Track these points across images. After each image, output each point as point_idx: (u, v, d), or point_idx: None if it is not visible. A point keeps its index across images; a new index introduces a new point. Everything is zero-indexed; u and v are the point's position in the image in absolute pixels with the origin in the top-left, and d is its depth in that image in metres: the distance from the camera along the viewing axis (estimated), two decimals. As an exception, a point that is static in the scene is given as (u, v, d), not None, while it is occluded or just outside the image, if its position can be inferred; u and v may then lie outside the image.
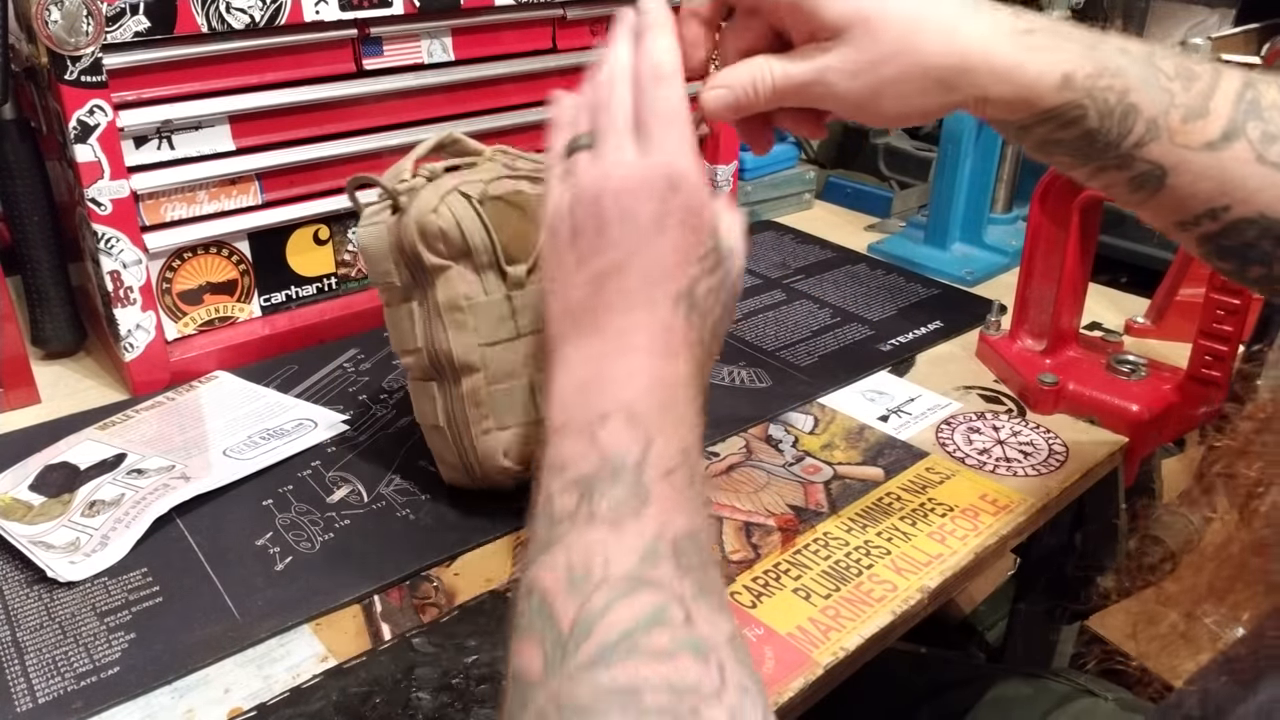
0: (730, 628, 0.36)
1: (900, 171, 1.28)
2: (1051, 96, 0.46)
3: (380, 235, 0.59)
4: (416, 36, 0.84)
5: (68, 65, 0.68)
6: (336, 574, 0.58)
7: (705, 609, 0.35)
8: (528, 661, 0.34)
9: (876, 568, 0.59)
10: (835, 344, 0.86)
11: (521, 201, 0.60)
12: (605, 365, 0.41)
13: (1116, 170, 0.49)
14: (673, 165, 0.43)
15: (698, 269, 0.43)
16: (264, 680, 0.51)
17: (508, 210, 0.59)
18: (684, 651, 0.33)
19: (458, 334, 0.58)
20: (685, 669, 0.33)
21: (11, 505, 0.63)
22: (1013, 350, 0.81)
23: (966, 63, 0.45)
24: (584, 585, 0.35)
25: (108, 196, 0.72)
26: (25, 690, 0.50)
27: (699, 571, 0.36)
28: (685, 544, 0.37)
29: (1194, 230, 0.50)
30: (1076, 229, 0.76)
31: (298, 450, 0.69)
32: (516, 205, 0.59)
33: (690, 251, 0.43)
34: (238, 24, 0.74)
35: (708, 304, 0.43)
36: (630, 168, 0.43)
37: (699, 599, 0.35)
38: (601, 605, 0.34)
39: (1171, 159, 0.47)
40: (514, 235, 0.59)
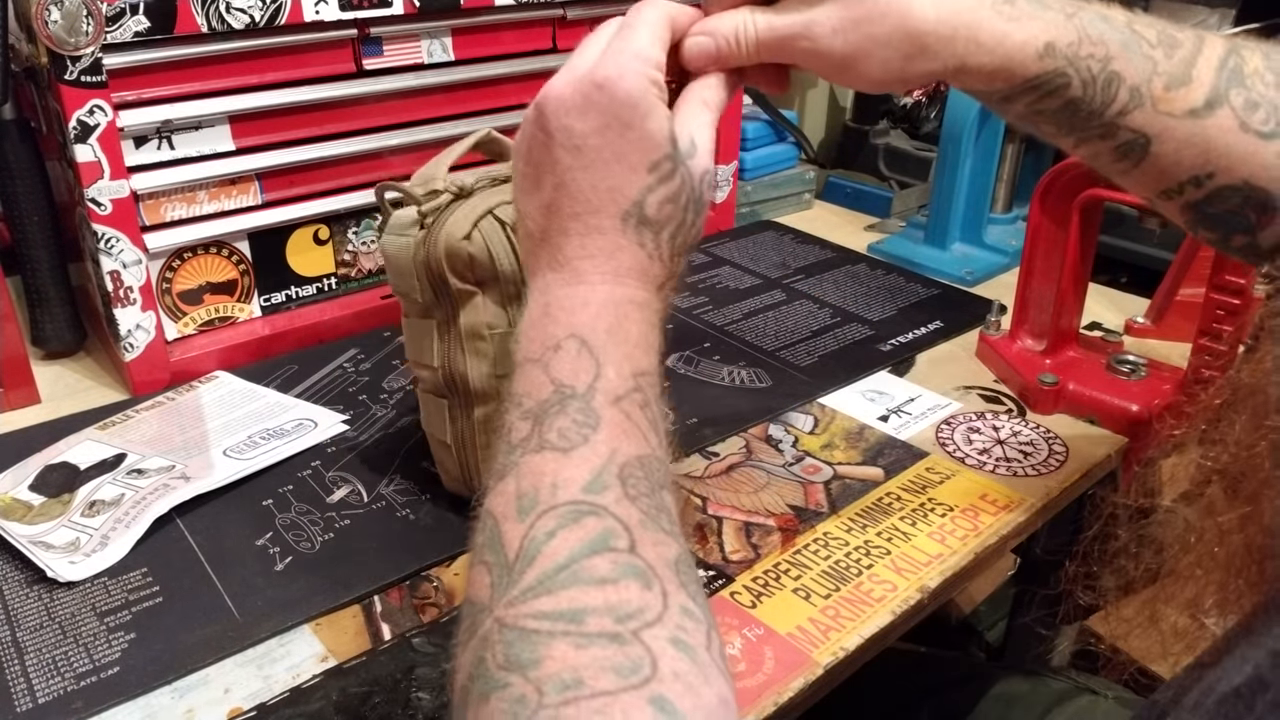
0: (677, 550, 0.36)
1: (900, 171, 1.28)
2: (1033, 65, 0.45)
3: (407, 248, 0.58)
4: (416, 36, 0.84)
5: (68, 65, 0.68)
6: (336, 574, 0.58)
7: (650, 534, 0.35)
8: (477, 587, 0.35)
9: (876, 568, 0.59)
10: (835, 344, 0.86)
11: None
12: (559, 294, 0.41)
13: (1100, 140, 0.48)
14: (604, 72, 0.41)
15: (648, 179, 0.41)
16: (264, 680, 0.51)
17: None
18: (627, 578, 0.33)
19: (477, 362, 0.57)
20: (628, 594, 0.33)
21: (11, 505, 0.63)
22: (1013, 350, 0.81)
23: (954, 31, 0.44)
24: (530, 511, 0.35)
25: (108, 196, 0.72)
26: (25, 690, 0.50)
27: (647, 497, 0.36)
28: (633, 469, 0.37)
29: (1178, 199, 0.49)
30: (1076, 229, 0.76)
31: (298, 450, 0.69)
32: None
33: (637, 161, 0.41)
34: (238, 24, 0.74)
35: (662, 215, 0.42)
36: (564, 81, 0.42)
37: (645, 525, 0.35)
38: (546, 532, 0.34)
39: (1155, 127, 0.47)
40: None
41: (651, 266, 0.42)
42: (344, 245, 0.88)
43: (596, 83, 0.41)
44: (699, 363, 0.82)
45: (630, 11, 0.44)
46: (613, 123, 0.41)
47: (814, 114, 1.53)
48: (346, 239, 0.87)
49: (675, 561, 0.35)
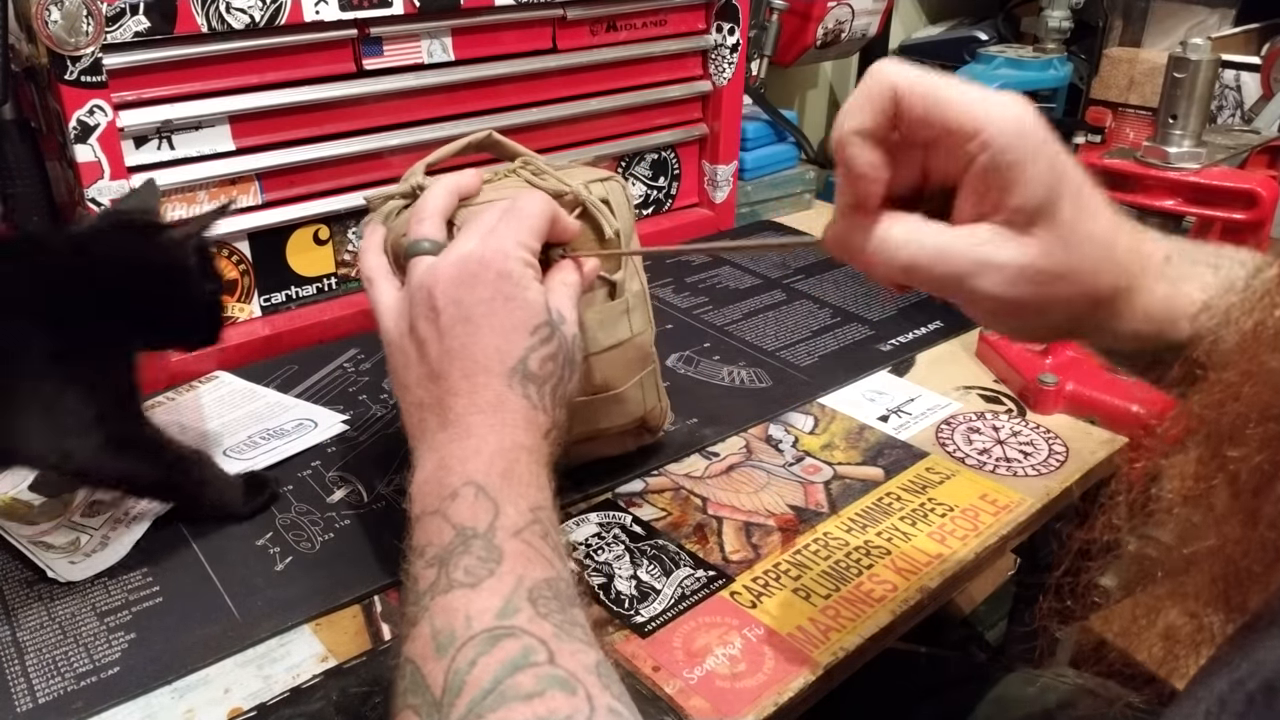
0: (595, 657, 0.38)
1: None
2: (1186, 327, 0.41)
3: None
4: (416, 36, 0.84)
5: (68, 65, 0.68)
6: (336, 574, 0.58)
7: (568, 645, 0.38)
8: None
9: (876, 568, 0.59)
10: (835, 344, 0.86)
11: None
12: (451, 449, 0.44)
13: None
14: (489, 253, 0.47)
15: (530, 340, 0.46)
16: (264, 680, 0.51)
17: None
18: (551, 688, 0.35)
19: None
20: (555, 704, 0.35)
21: (11, 505, 0.63)
22: (1013, 350, 0.81)
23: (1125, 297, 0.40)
24: (449, 647, 0.37)
25: (108, 196, 0.72)
26: (25, 690, 0.50)
27: (559, 614, 0.39)
28: (542, 591, 0.39)
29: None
30: (1076, 229, 0.76)
31: (298, 450, 0.69)
32: None
33: (520, 325, 0.46)
34: (238, 24, 0.74)
35: (544, 371, 0.46)
36: (451, 262, 0.47)
37: (560, 637, 0.38)
38: (468, 661, 0.36)
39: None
40: None
41: (537, 416, 0.46)
42: (344, 245, 0.88)
43: (484, 262, 0.46)
44: (699, 363, 0.82)
45: (518, 199, 0.50)
46: (497, 295, 0.46)
47: (814, 114, 1.53)
48: (346, 239, 0.87)
49: (595, 666, 0.37)
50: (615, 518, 0.63)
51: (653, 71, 1.02)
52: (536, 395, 0.46)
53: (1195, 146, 0.69)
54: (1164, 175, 0.69)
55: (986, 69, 1.02)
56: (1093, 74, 1.17)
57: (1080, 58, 1.17)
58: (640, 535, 0.61)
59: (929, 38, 1.46)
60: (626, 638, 0.53)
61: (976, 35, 1.39)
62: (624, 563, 0.59)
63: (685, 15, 1.02)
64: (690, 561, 0.59)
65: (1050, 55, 1.03)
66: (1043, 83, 1.03)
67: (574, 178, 0.59)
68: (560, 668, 0.36)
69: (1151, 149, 0.70)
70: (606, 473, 0.66)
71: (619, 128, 1.02)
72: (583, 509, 0.64)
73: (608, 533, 0.61)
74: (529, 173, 0.60)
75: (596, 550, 0.60)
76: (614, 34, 0.97)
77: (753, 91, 1.19)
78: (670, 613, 0.55)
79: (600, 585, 0.57)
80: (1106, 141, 1.17)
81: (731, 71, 1.05)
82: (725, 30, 1.04)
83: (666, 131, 1.06)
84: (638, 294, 0.62)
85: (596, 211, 0.57)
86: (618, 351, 0.60)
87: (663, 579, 0.57)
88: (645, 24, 0.99)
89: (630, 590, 0.56)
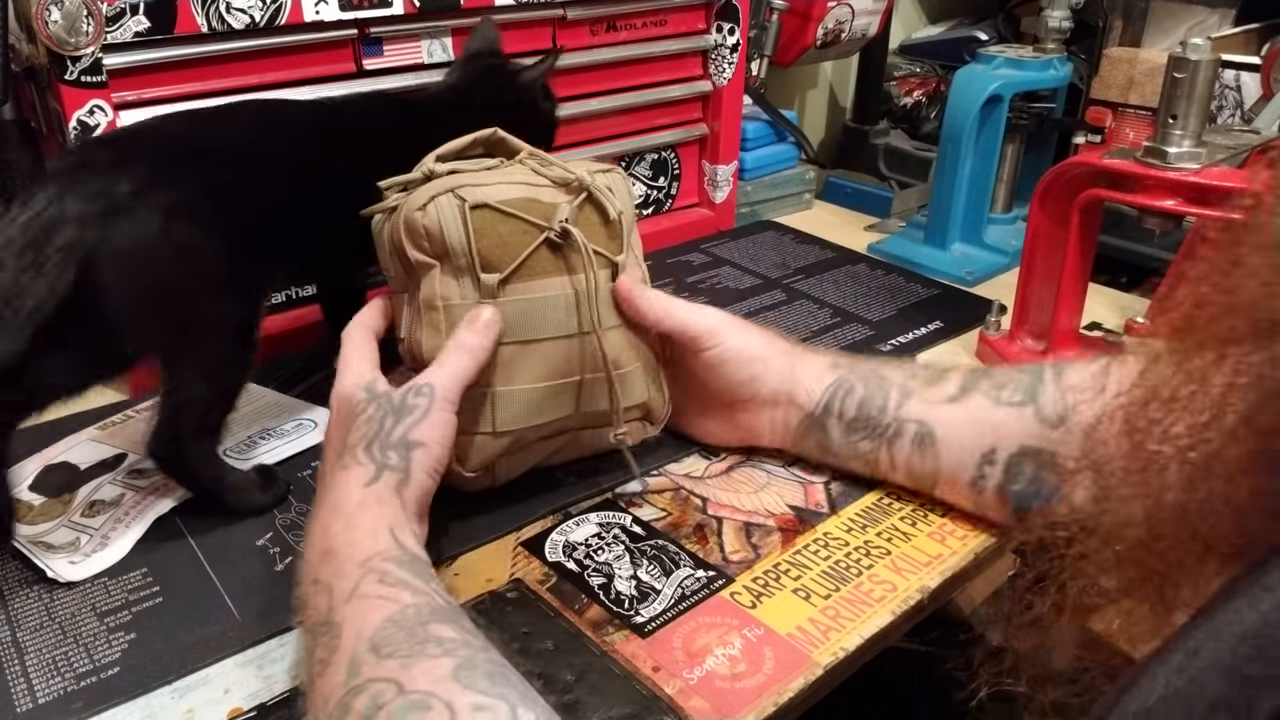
0: (453, 662, 0.40)
1: (900, 171, 1.28)
2: (824, 373, 0.63)
3: (380, 223, 0.61)
4: (416, 36, 0.84)
5: (68, 65, 0.68)
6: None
7: (418, 668, 0.40)
8: None
9: (876, 568, 0.59)
10: (835, 344, 0.86)
11: (525, 209, 0.59)
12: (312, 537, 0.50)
13: (898, 438, 0.61)
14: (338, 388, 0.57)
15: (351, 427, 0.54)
16: (264, 680, 0.51)
17: (498, 220, 0.58)
18: (405, 716, 0.38)
19: (430, 334, 0.59)
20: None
21: (11, 505, 0.63)
22: (1013, 350, 0.81)
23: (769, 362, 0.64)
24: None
25: (108, 196, 0.72)
26: (25, 690, 0.50)
27: (407, 642, 0.41)
28: (384, 631, 0.42)
29: (987, 486, 0.58)
30: (1076, 229, 0.76)
31: (298, 450, 0.69)
32: (512, 215, 0.58)
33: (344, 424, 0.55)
34: (238, 24, 0.74)
35: (360, 435, 0.53)
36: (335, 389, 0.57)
37: (408, 665, 0.40)
38: None
39: (927, 414, 0.60)
40: (496, 244, 0.58)
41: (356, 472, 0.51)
42: (344, 245, 0.87)
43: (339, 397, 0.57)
44: (699, 363, 0.82)
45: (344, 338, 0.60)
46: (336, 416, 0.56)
47: (814, 114, 1.53)
48: (346, 239, 0.87)
49: (453, 672, 0.40)
50: (615, 518, 0.63)
51: (653, 71, 1.02)
52: (356, 456, 0.52)
53: (1195, 146, 0.69)
54: (1164, 175, 0.69)
55: (986, 69, 1.02)
56: (1093, 74, 1.17)
57: (1080, 58, 1.17)
58: (640, 535, 0.61)
59: (929, 38, 1.46)
60: (626, 638, 0.53)
61: (976, 35, 1.39)
62: (624, 563, 0.59)
63: (685, 15, 1.02)
64: (690, 561, 0.59)
65: (1050, 55, 1.03)
66: (1043, 83, 1.03)
67: (577, 168, 0.62)
68: (411, 693, 0.39)
69: (1151, 149, 0.70)
70: (606, 472, 0.66)
71: (619, 128, 1.02)
72: (583, 509, 0.64)
73: (608, 533, 0.61)
74: (535, 162, 0.63)
75: (596, 550, 0.60)
76: (614, 34, 0.97)
77: (753, 91, 1.20)
78: (670, 613, 0.55)
79: (600, 585, 0.57)
80: (1106, 141, 1.17)
81: (731, 71, 1.05)
82: (725, 30, 1.04)
83: (666, 131, 1.06)
84: (637, 281, 0.64)
85: (601, 195, 0.60)
86: (621, 331, 0.62)
87: (663, 579, 0.57)
88: (645, 24, 0.99)
89: (630, 590, 0.56)
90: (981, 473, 0.58)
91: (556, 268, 0.59)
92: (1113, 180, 0.73)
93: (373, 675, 0.40)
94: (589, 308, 0.59)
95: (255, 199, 0.61)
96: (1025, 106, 1.05)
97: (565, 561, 0.59)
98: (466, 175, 0.60)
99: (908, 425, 0.60)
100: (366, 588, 0.45)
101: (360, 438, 0.53)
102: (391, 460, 0.52)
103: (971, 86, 1.00)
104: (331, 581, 0.46)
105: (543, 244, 0.59)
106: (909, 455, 0.61)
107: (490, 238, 0.58)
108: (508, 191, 0.59)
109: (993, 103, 1.00)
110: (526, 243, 0.58)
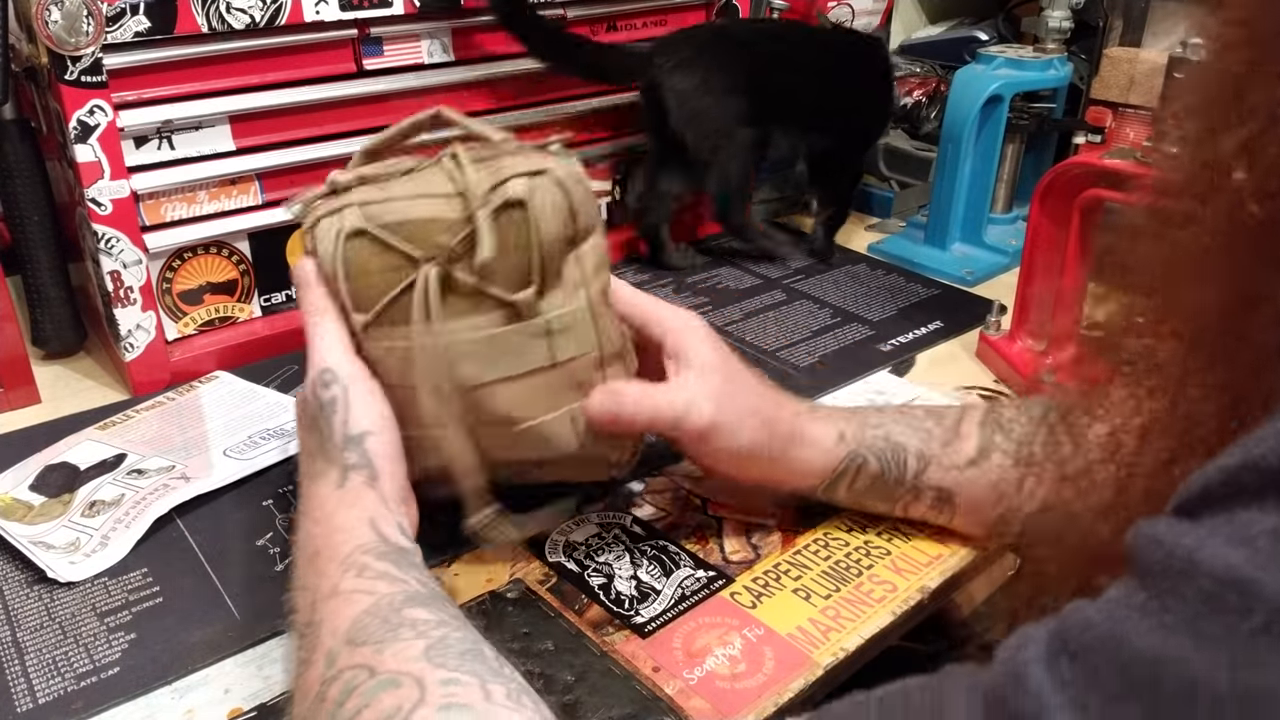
0: (424, 643, 0.40)
1: (900, 171, 1.28)
2: (832, 450, 0.57)
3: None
4: (416, 36, 0.84)
5: (68, 65, 0.68)
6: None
7: (390, 650, 0.40)
8: None
9: (876, 568, 0.59)
10: (835, 344, 0.86)
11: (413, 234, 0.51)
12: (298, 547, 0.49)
13: (915, 501, 0.59)
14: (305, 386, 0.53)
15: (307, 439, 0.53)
16: (264, 680, 0.51)
17: (373, 251, 0.51)
18: (376, 694, 0.38)
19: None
20: (382, 706, 0.37)
21: (11, 505, 0.63)
22: (1013, 350, 0.81)
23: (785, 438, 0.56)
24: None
25: (108, 196, 0.72)
26: (25, 690, 0.50)
27: (380, 629, 0.41)
28: (360, 623, 0.42)
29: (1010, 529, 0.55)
30: (1076, 229, 0.76)
31: (297, 450, 0.69)
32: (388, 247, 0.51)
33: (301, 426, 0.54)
34: (238, 24, 0.74)
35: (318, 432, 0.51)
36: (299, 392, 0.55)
37: (380, 650, 0.40)
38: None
39: (949, 480, 0.57)
40: (363, 281, 0.52)
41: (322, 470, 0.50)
42: (344, 245, 0.87)
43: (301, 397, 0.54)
44: (699, 363, 0.82)
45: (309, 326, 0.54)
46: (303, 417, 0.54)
47: (814, 114, 1.52)
48: (346, 239, 0.87)
49: (425, 652, 0.40)
50: (615, 518, 0.63)
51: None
52: (316, 463, 0.51)
53: (1195, 146, 0.69)
54: (1164, 175, 0.69)
55: (987, 69, 1.02)
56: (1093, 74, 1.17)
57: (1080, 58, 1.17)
58: (640, 535, 0.61)
59: (929, 38, 1.46)
60: (626, 638, 0.53)
61: (976, 35, 1.39)
62: (624, 563, 0.59)
63: (685, 15, 1.02)
64: (690, 562, 0.59)
65: (1050, 55, 1.03)
66: (1043, 83, 1.03)
67: (506, 168, 0.52)
68: (382, 674, 0.39)
69: (1152, 149, 0.70)
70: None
71: (620, 127, 1.01)
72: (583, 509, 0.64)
73: (608, 533, 0.61)
74: (453, 164, 0.53)
75: (596, 550, 0.60)
76: (614, 34, 0.97)
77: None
78: (670, 613, 0.55)
79: (600, 585, 0.57)
80: (1106, 141, 1.17)
81: (732, 71, 1.05)
82: (725, 30, 1.04)
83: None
84: (576, 313, 0.53)
85: (479, 231, 0.50)
86: (525, 382, 0.53)
87: (663, 579, 0.57)
88: (645, 24, 0.99)
89: (630, 590, 0.56)
90: (1004, 519, 0.57)
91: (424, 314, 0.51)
92: (1113, 180, 0.73)
93: (347, 664, 0.40)
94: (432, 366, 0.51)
95: (767, 78, 0.96)
96: (1025, 106, 1.05)
97: (565, 561, 0.59)
98: (372, 188, 0.53)
99: (926, 492, 0.58)
100: (345, 584, 0.45)
101: (315, 444, 0.52)
102: (351, 460, 0.50)
103: (972, 86, 1.00)
104: (314, 583, 0.46)
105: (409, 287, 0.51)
106: (924, 513, 0.60)
107: (359, 273, 0.51)
108: (404, 209, 0.51)
109: (993, 103, 1.00)
110: (396, 281, 0.51)
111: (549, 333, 0.52)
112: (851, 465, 0.57)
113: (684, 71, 0.92)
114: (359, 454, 0.50)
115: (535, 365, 0.52)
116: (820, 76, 1.00)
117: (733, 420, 0.54)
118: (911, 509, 0.60)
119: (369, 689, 0.38)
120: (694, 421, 0.53)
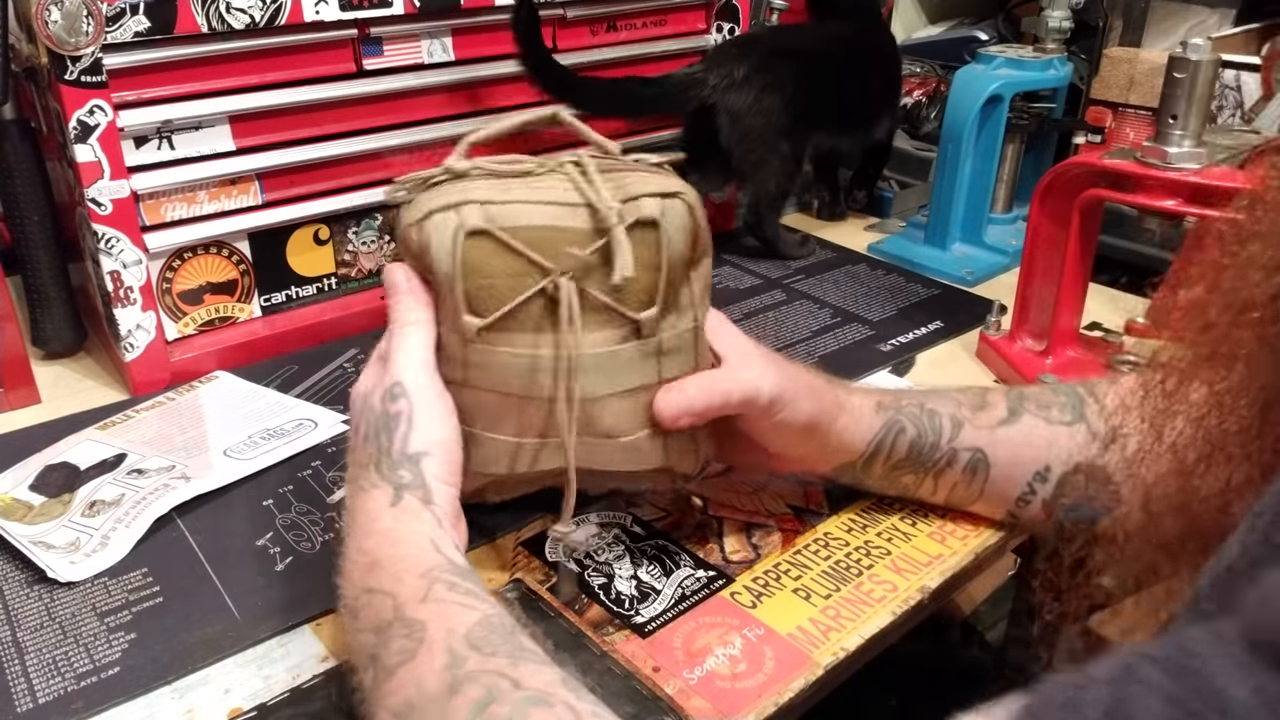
0: (557, 673, 0.40)
1: (900, 171, 1.28)
2: (871, 418, 0.58)
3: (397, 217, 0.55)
4: (416, 36, 0.84)
5: (68, 65, 0.68)
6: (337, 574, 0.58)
7: (528, 668, 0.39)
8: None
9: (876, 568, 0.59)
10: (835, 344, 0.86)
11: (539, 241, 0.49)
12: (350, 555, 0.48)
13: (949, 468, 0.59)
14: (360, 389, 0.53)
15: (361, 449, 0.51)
16: (264, 680, 0.51)
17: (495, 253, 0.49)
18: (526, 710, 0.37)
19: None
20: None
21: (11, 505, 0.63)
22: (1013, 350, 0.81)
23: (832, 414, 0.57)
24: (410, 716, 0.39)
25: (108, 196, 0.72)
26: (25, 690, 0.50)
27: (505, 645, 0.40)
28: (477, 632, 0.41)
29: (1036, 501, 0.59)
30: (1076, 229, 0.76)
31: (298, 450, 0.69)
32: (513, 250, 0.49)
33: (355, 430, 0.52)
34: (238, 24, 0.74)
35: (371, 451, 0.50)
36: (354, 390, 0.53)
37: (517, 664, 0.39)
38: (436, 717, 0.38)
39: (983, 440, 0.59)
40: (484, 284, 0.49)
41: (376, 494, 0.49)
42: (344, 245, 0.88)
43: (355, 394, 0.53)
44: (699, 363, 0.82)
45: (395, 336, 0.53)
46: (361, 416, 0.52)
47: (814, 114, 1.52)
48: (346, 239, 0.87)
49: (561, 681, 0.39)
50: (615, 518, 0.63)
51: (653, 71, 1.02)
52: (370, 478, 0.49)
53: (1195, 146, 0.69)
54: (1164, 175, 0.69)
55: (987, 69, 1.02)
56: (1093, 74, 1.17)
57: (1080, 58, 1.17)
58: (640, 535, 0.61)
59: (929, 38, 1.46)
60: (626, 638, 0.53)
61: (976, 35, 1.39)
62: (624, 563, 0.59)
63: (685, 15, 1.02)
64: (690, 561, 0.59)
65: (1050, 55, 1.03)
66: (1043, 83, 1.03)
67: (630, 184, 0.51)
68: (528, 689, 0.38)
69: (1151, 149, 0.70)
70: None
71: (620, 127, 1.01)
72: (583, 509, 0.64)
73: (608, 533, 0.61)
74: (578, 172, 0.52)
75: (596, 550, 0.60)
76: (614, 34, 0.97)
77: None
78: (670, 613, 0.55)
79: (600, 585, 0.57)
80: (1106, 141, 1.17)
81: (732, 71, 1.05)
82: (725, 30, 1.04)
83: (667, 131, 1.06)
84: (684, 334, 0.53)
85: (615, 250, 0.49)
86: (632, 398, 0.52)
87: (663, 579, 0.57)
88: (645, 24, 0.99)
89: (630, 590, 0.56)
90: (1031, 489, 0.59)
91: (549, 323, 0.50)
92: (1113, 180, 0.73)
93: (480, 668, 0.39)
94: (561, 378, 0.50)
95: (811, 88, 0.99)
96: (1025, 106, 1.05)
97: (565, 561, 0.59)
98: (489, 184, 0.51)
99: (961, 454, 0.59)
100: (439, 593, 0.43)
101: (368, 456, 0.50)
102: (405, 479, 0.49)
103: (972, 86, 1.00)
104: (391, 588, 0.45)
105: (538, 294, 0.49)
106: (956, 482, 0.60)
107: (479, 275, 0.49)
108: (527, 214, 0.50)
109: (993, 103, 1.00)
110: (521, 287, 0.49)
111: (660, 352, 0.53)
112: (890, 432, 0.58)
113: (737, 91, 0.96)
114: (414, 473, 0.49)
115: (643, 382, 0.52)
116: (858, 78, 1.06)
117: (794, 391, 0.55)
118: (944, 477, 0.60)
119: (518, 701, 0.37)
120: (765, 394, 0.54)
